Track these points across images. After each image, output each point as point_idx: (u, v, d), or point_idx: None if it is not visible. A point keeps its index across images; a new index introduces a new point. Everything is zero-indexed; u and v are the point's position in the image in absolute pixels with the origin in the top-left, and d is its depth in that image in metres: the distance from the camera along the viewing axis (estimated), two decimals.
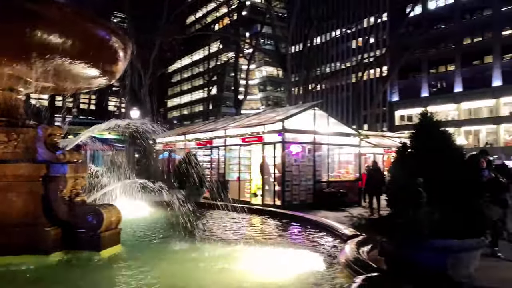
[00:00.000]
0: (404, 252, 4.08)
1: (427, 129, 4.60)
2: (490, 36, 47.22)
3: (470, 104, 49.74)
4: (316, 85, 49.21)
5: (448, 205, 4.13)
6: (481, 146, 47.99)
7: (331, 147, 16.71)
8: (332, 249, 6.62)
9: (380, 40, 60.57)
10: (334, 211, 13.21)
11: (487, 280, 5.31)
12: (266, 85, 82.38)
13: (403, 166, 4.59)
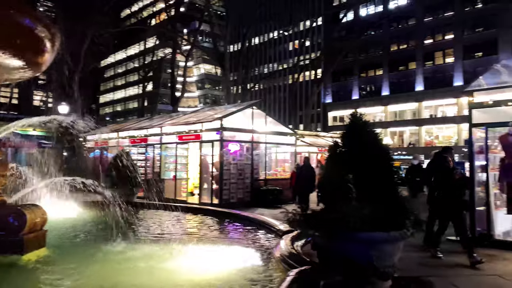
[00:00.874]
0: (334, 245, 4.27)
1: (357, 129, 4.86)
2: (414, 44, 50.98)
3: (396, 107, 53.32)
4: (254, 85, 49.82)
5: (374, 199, 4.39)
6: (404, 146, 51.78)
7: (269, 145, 17.03)
8: (268, 244, 6.77)
9: (316, 43, 62.76)
10: (270, 208, 13.48)
11: (407, 269, 5.76)
12: (204, 83, 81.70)
13: (334, 163, 4.80)
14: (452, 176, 7.01)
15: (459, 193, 7.00)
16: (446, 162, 7.18)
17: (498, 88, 8.28)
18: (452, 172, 7.06)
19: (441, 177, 7.26)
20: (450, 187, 6.99)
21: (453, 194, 6.92)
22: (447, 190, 7.01)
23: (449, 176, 7.07)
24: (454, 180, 6.97)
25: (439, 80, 47.86)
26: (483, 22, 45.48)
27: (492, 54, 41.99)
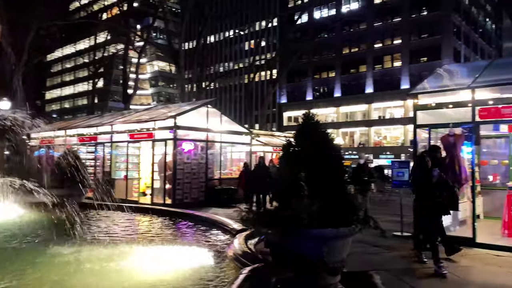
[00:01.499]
0: (287, 242, 4.34)
1: (309, 129, 4.96)
2: (365, 47, 52.94)
3: (347, 108, 55.12)
4: (209, 83, 49.45)
5: (325, 197, 4.51)
6: (355, 146, 53.64)
7: (224, 145, 16.98)
8: (222, 244, 6.75)
9: (271, 43, 63.40)
10: (225, 207, 13.44)
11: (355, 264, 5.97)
12: (158, 80, 79.93)
13: (287, 162, 4.88)
14: (429, 177, 6.38)
15: (436, 195, 6.40)
16: (424, 161, 6.56)
17: (440, 91, 8.78)
18: (429, 173, 6.40)
19: (418, 177, 6.71)
20: (427, 188, 6.43)
21: (430, 195, 6.38)
22: (425, 191, 6.48)
23: (426, 176, 6.44)
24: (431, 180, 6.35)
25: (388, 83, 50.06)
26: (428, 29, 48.15)
27: (436, 59, 44.50)
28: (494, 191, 10.74)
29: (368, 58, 52.40)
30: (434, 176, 6.35)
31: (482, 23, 59.35)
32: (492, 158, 11.51)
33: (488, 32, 61.98)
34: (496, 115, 7.69)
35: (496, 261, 6.50)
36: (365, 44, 52.74)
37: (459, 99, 8.20)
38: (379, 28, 51.89)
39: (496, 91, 7.93)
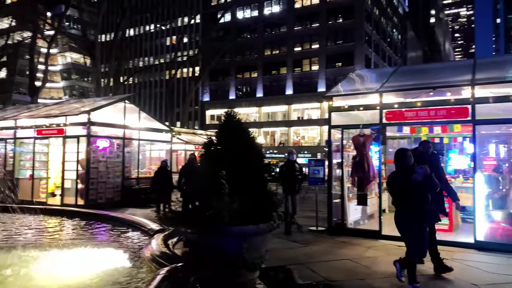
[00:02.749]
0: (206, 240, 4.32)
1: (230, 127, 4.98)
2: (285, 50, 54.76)
3: (268, 108, 56.55)
4: (128, 78, 47.28)
5: (245, 194, 4.57)
6: (276, 145, 55.24)
7: (142, 142, 16.36)
8: (139, 245, 6.50)
9: (194, 40, 62.64)
10: (143, 207, 12.98)
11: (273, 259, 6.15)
12: (71, 73, 74.40)
13: (209, 160, 4.85)
14: (407, 175, 5.10)
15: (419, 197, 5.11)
16: (405, 158, 5.31)
17: (352, 94, 9.39)
18: (407, 171, 5.17)
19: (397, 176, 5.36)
20: (406, 189, 5.12)
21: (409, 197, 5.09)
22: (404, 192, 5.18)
23: (405, 174, 5.17)
24: (410, 180, 5.05)
25: (306, 86, 52.43)
26: (343, 36, 51.34)
27: (350, 64, 47.59)
28: None
29: (288, 61, 54.30)
30: (421, 174, 5.04)
31: (390, 33, 64.77)
32: None
33: (395, 41, 67.83)
34: (400, 117, 8.44)
35: (399, 251, 7.10)
36: (286, 47, 54.57)
37: (369, 102, 8.85)
38: (298, 32, 54.06)
39: (400, 95, 8.69)
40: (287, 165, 9.43)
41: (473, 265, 6.18)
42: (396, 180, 5.30)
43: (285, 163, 9.59)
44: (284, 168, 9.45)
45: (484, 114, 7.66)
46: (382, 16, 60.27)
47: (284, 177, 9.29)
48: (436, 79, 8.86)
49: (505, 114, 7.82)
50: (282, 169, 9.58)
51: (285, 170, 9.35)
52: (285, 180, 9.23)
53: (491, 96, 7.65)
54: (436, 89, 7.99)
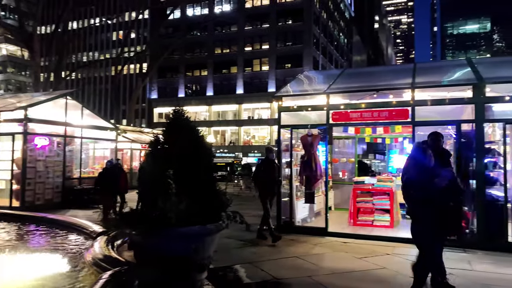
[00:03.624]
0: (152, 242, 4.18)
1: (178, 125, 4.86)
2: (236, 50, 54.79)
3: (219, 107, 56.28)
4: (70, 73, 44.95)
5: (193, 194, 4.47)
6: (226, 144, 55.13)
7: (85, 140, 15.61)
8: (80, 248, 6.17)
9: (141, 36, 60.85)
10: (85, 209, 12.40)
11: (221, 259, 6.10)
12: (6, 66, 69.32)
13: (155, 159, 4.70)
14: (430, 179, 4.27)
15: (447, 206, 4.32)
16: (425, 156, 4.40)
17: (301, 95, 9.57)
18: (429, 173, 4.30)
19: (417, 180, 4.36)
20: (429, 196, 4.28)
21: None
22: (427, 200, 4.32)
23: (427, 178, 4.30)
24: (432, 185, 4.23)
25: (256, 85, 52.83)
26: (292, 38, 52.31)
27: (298, 66, 48.57)
28: (343, 185, 12.20)
29: (239, 60, 54.39)
30: (446, 178, 4.20)
31: (337, 37, 66.92)
32: (342, 157, 13.05)
33: (341, 45, 70.20)
34: (346, 118, 8.72)
35: (344, 247, 7.37)
36: (236, 46, 54.61)
37: (316, 103, 9.06)
38: (249, 32, 54.32)
39: (346, 97, 8.98)
40: (266, 165, 8.26)
41: (412, 259, 6.49)
42: (418, 186, 4.22)
43: (263, 162, 8.46)
44: (262, 168, 8.28)
45: (422, 116, 8.11)
46: (330, 20, 62.14)
47: (261, 179, 8.17)
48: (379, 82, 9.25)
49: (441, 116, 8.34)
50: (259, 169, 8.37)
51: (263, 170, 8.21)
52: (263, 182, 8.11)
53: (429, 99, 8.12)
54: (379, 91, 8.33)
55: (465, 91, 7.79)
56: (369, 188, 9.52)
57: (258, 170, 8.40)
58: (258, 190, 8.28)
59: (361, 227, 9.04)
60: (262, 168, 8.30)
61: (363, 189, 9.58)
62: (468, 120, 7.78)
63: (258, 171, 8.37)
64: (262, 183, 8.19)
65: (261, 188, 8.22)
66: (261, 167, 8.31)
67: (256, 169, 8.55)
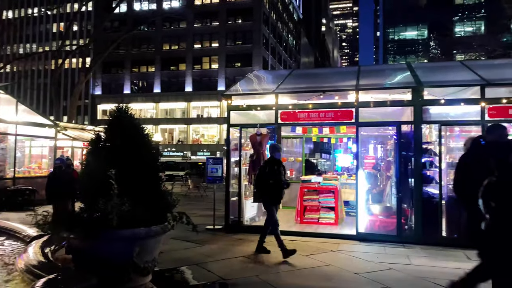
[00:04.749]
0: (92, 245, 3.96)
1: (121, 122, 4.65)
2: (185, 46, 53.88)
3: (167, 104, 55.06)
4: (5, 65, 41.81)
5: (138, 195, 4.30)
6: (174, 143, 54.09)
7: (20, 138, 14.58)
8: (12, 254, 5.72)
9: (84, 29, 58.05)
10: (20, 211, 11.55)
11: (167, 261, 5.94)
12: None
13: (96, 158, 4.46)
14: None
15: None
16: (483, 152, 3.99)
17: (250, 94, 9.57)
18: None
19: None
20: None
21: None
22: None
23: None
24: None
25: (206, 83, 52.36)
26: (242, 37, 52.43)
27: (248, 65, 48.78)
28: (291, 184, 12.36)
29: (188, 57, 53.56)
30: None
31: (286, 38, 68.01)
32: (290, 156, 13.25)
33: (290, 46, 71.46)
34: (294, 118, 8.84)
35: (291, 245, 7.43)
36: (185, 43, 53.75)
37: (265, 102, 9.11)
38: (198, 30, 53.69)
39: (294, 97, 9.11)
40: (271, 165, 7.03)
41: (356, 255, 6.73)
42: (498, 192, 3.47)
43: (268, 163, 7.15)
44: (267, 170, 7.02)
45: (365, 117, 8.42)
46: (279, 21, 63.02)
47: (266, 182, 6.95)
48: (326, 83, 9.49)
49: (382, 117, 8.72)
50: (263, 171, 7.09)
51: (268, 172, 6.98)
52: (269, 186, 6.94)
53: (372, 100, 8.45)
54: (326, 92, 8.54)
55: (405, 94, 8.19)
56: (316, 186, 9.74)
57: (262, 172, 7.09)
58: (262, 196, 7.11)
59: (308, 225, 9.22)
60: (266, 170, 7.01)
61: (310, 187, 9.78)
62: (408, 121, 8.18)
63: (262, 174, 7.07)
64: (268, 188, 6.95)
65: (267, 193, 6.99)
66: (266, 169, 7.05)
67: (260, 171, 7.18)
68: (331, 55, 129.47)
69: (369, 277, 5.51)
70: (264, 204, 7.15)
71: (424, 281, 5.37)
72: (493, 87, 7.80)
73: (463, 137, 8.94)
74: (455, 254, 6.83)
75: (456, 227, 7.59)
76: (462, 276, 3.99)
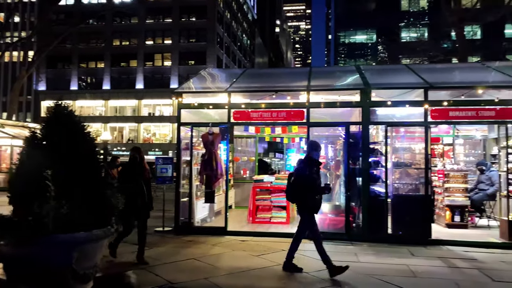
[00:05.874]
0: (25, 252, 3.65)
1: (60, 120, 4.34)
2: (136, 43, 52.27)
3: (117, 102, 53.11)
4: None
5: (78, 196, 4.04)
6: (124, 142, 52.34)
7: None
8: None
9: (27, 20, 54.61)
10: None
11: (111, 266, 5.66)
12: None
13: (31, 158, 4.13)
14: None
15: None
16: None
17: (202, 92, 9.40)
18: None
19: None
20: None
21: None
22: None
23: None
24: None
25: (158, 81, 51.11)
26: (196, 35, 51.77)
27: (202, 63, 48.20)
28: (244, 184, 12.36)
29: (139, 54, 52.02)
30: None
31: (240, 38, 68.02)
32: (244, 155, 13.22)
33: (245, 46, 71.58)
34: (247, 117, 8.78)
35: (242, 246, 7.40)
36: (137, 39, 52.16)
37: (218, 101, 8.97)
38: (151, 26, 52.32)
39: (247, 96, 9.05)
40: (310, 166, 5.86)
41: (306, 254, 6.78)
42: None
43: (304, 163, 5.97)
44: (307, 172, 5.84)
45: (316, 118, 8.54)
46: (234, 20, 62.89)
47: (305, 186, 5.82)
48: (278, 83, 9.53)
49: (332, 118, 8.89)
50: (302, 172, 5.91)
51: (304, 175, 5.86)
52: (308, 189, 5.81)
53: (323, 101, 8.59)
54: (278, 92, 8.56)
55: (354, 95, 8.40)
56: (268, 186, 9.75)
57: (310, 176, 5.87)
58: (297, 201, 6.08)
59: (260, 225, 9.22)
60: (307, 173, 5.89)
61: (262, 187, 9.78)
62: (356, 122, 8.40)
63: (310, 177, 5.85)
64: (307, 191, 5.84)
65: (306, 197, 5.88)
66: (306, 170, 5.91)
67: (311, 175, 5.89)
68: (285, 56, 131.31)
69: (318, 276, 5.57)
70: (301, 211, 6.03)
71: (371, 278, 5.51)
72: (435, 90, 8.18)
73: (408, 138, 9.36)
74: (400, 251, 7.10)
75: (401, 224, 7.90)
76: None
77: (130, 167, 6.45)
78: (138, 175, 6.25)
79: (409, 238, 7.76)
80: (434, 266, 6.18)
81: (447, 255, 6.94)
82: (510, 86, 8.01)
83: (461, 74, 10.21)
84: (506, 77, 8.47)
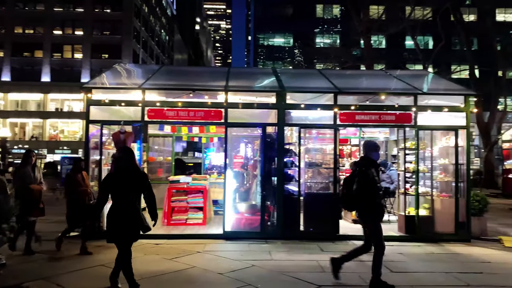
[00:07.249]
0: None
1: None
2: (42, 31, 47.96)
3: (18, 95, 48.20)
4: None
5: None
6: (27, 139, 47.76)
7: None
8: None
9: None
10: None
11: (8, 278, 5.10)
12: None
13: None
14: None
15: None
16: None
17: (114, 88, 8.88)
18: None
19: None
20: None
21: None
22: None
23: None
24: None
25: (67, 74, 47.40)
26: (111, 27, 48.98)
27: (117, 58, 45.77)
28: (159, 185, 11.98)
29: (45, 44, 47.75)
30: None
31: (159, 33, 65.99)
32: (160, 155, 12.82)
33: (163, 42, 69.61)
34: (162, 116, 8.50)
35: (155, 249, 7.16)
36: (43, 28, 47.86)
37: (131, 98, 8.56)
38: (59, 14, 48.32)
39: (162, 94, 8.78)
40: (371, 169, 5.12)
41: (221, 255, 6.78)
42: None
43: (365, 165, 5.18)
44: (371, 176, 5.09)
45: (235, 118, 8.58)
46: (152, 14, 60.82)
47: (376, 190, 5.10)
48: (196, 82, 9.38)
49: (250, 119, 9.00)
50: (366, 176, 5.07)
51: (373, 178, 5.12)
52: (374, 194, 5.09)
53: (241, 102, 8.66)
54: (196, 91, 8.43)
55: (270, 97, 8.60)
56: (184, 187, 9.57)
57: (371, 178, 5.08)
58: (360, 209, 5.24)
59: (175, 227, 9.00)
60: (371, 176, 5.07)
61: (178, 188, 9.57)
62: (272, 123, 8.60)
63: (372, 180, 5.08)
64: (372, 197, 5.08)
65: (372, 204, 5.12)
66: (369, 174, 5.08)
67: (372, 177, 5.09)
68: (205, 54, 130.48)
69: (232, 276, 5.58)
70: (366, 220, 5.25)
71: (282, 275, 5.68)
72: (344, 95, 8.71)
73: (319, 139, 9.85)
74: (310, 247, 7.43)
75: (312, 221, 8.28)
76: None
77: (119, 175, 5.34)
78: None
79: (320, 235, 8.16)
80: None
81: None
82: (408, 93, 8.83)
83: (367, 80, 11.00)
84: (405, 85, 9.32)
